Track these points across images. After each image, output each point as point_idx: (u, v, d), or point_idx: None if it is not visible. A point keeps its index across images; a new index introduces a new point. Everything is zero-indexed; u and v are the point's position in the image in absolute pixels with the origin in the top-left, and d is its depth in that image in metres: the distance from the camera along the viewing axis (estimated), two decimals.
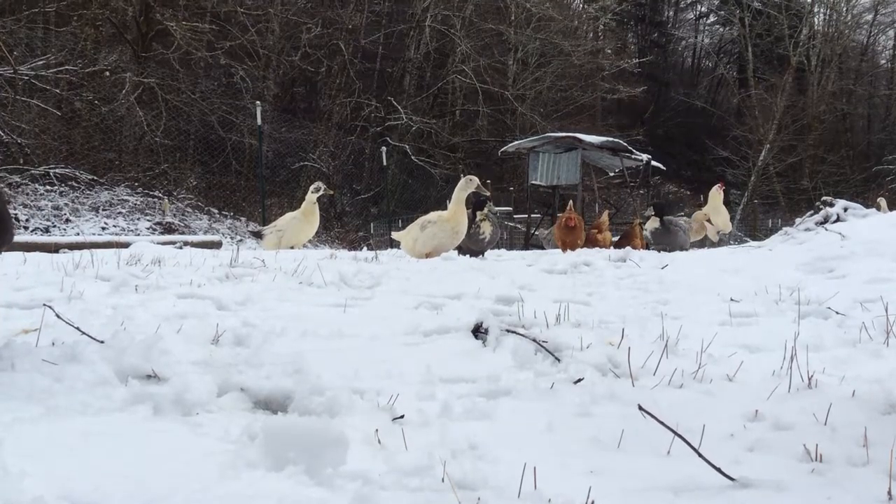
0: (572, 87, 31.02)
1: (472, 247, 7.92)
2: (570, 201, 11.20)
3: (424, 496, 1.77)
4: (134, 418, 2.19)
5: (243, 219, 19.59)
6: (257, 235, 9.76)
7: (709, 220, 11.87)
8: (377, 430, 2.16)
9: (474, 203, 8.00)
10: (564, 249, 9.11)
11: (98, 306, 3.84)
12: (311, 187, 9.41)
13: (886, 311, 3.68)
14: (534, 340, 3.24)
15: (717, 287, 5.05)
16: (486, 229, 7.98)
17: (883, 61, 40.92)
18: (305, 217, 9.25)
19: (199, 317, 3.72)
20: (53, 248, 7.89)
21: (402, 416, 2.35)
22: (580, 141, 15.78)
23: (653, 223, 10.27)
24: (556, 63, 29.42)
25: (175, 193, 18.87)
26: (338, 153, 22.98)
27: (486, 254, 8.07)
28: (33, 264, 5.50)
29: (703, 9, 42.99)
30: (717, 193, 12.57)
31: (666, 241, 10.06)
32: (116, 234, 14.41)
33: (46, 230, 14.87)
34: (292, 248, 8.87)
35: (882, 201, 13.70)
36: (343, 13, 24.29)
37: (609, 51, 34.01)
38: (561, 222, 9.95)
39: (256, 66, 22.60)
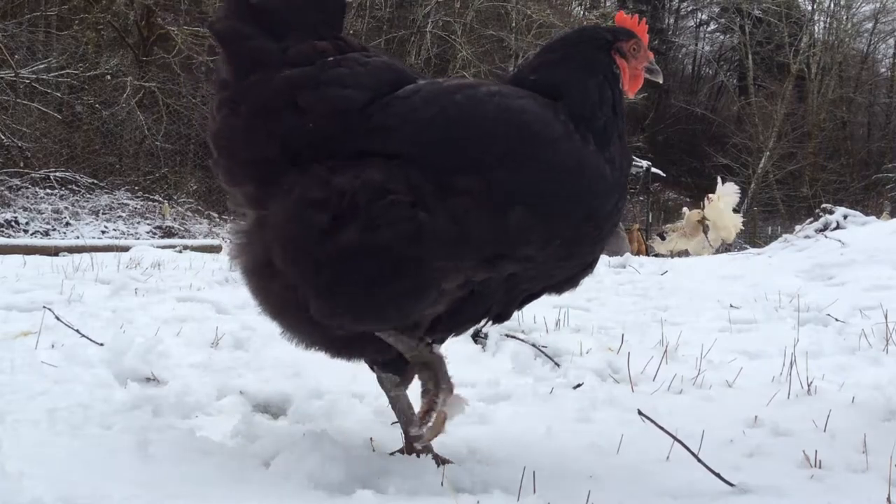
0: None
1: None
2: None
3: (424, 500, 1.77)
4: (133, 420, 2.18)
5: None
6: None
7: (704, 217, 11.68)
8: (376, 435, 2.16)
9: None
10: None
11: (98, 309, 3.84)
12: None
13: (886, 318, 3.68)
14: (533, 345, 3.25)
15: (717, 293, 5.05)
16: None
17: (883, 69, 40.94)
18: None
19: (198, 320, 3.71)
20: (53, 252, 7.88)
21: None
22: None
23: None
24: None
25: (175, 197, 18.87)
26: None
27: None
28: (33, 267, 5.50)
29: (703, 16, 43.07)
30: (715, 204, 12.35)
31: (616, 245, 9.93)
32: (116, 238, 14.41)
33: (46, 233, 14.88)
34: None
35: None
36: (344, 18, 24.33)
37: None
38: None
39: None
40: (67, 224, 15.62)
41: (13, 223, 14.84)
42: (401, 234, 1.72)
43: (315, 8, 1.98)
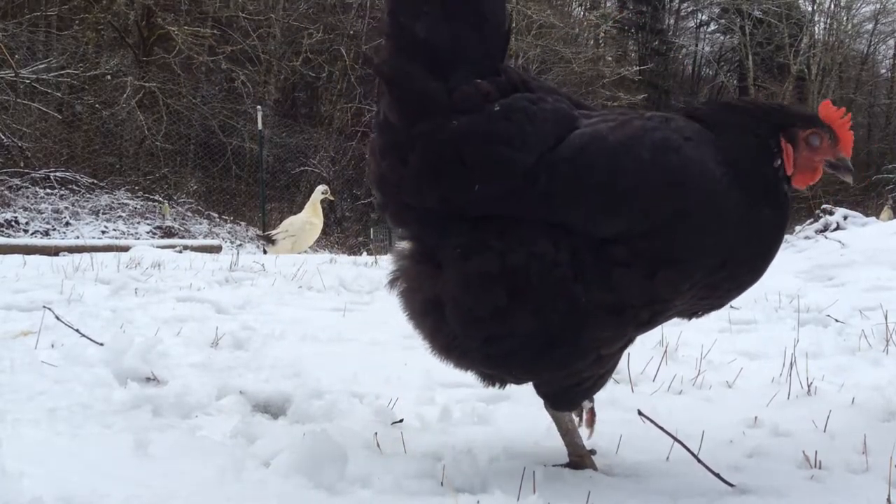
0: (573, 95, 30.97)
1: None
2: None
3: (424, 500, 1.77)
4: (133, 420, 2.19)
5: (243, 223, 19.58)
6: (269, 240, 9.82)
7: None
8: (376, 434, 2.16)
9: None
10: None
11: (97, 309, 3.84)
12: (320, 188, 9.87)
13: (886, 319, 3.68)
14: None
15: None
16: None
17: (883, 70, 40.96)
18: (315, 214, 9.78)
19: (198, 320, 3.72)
20: (53, 252, 7.89)
21: (401, 421, 2.35)
22: None
23: None
24: (557, 70, 29.44)
25: (175, 198, 18.88)
26: (338, 158, 22.97)
27: None
28: (33, 267, 5.51)
29: (703, 17, 43.06)
30: None
31: None
32: (116, 238, 14.42)
33: (46, 233, 14.87)
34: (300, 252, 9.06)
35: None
36: (344, 19, 24.32)
37: (610, 58, 34.04)
38: None
39: (257, 70, 22.62)
40: (67, 224, 15.62)
41: (13, 223, 14.84)
42: (569, 319, 1.81)
43: (482, 41, 1.93)
